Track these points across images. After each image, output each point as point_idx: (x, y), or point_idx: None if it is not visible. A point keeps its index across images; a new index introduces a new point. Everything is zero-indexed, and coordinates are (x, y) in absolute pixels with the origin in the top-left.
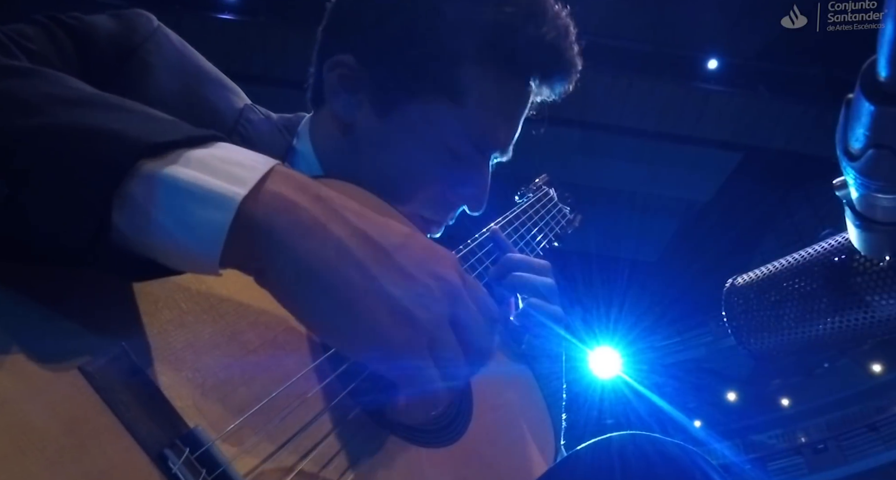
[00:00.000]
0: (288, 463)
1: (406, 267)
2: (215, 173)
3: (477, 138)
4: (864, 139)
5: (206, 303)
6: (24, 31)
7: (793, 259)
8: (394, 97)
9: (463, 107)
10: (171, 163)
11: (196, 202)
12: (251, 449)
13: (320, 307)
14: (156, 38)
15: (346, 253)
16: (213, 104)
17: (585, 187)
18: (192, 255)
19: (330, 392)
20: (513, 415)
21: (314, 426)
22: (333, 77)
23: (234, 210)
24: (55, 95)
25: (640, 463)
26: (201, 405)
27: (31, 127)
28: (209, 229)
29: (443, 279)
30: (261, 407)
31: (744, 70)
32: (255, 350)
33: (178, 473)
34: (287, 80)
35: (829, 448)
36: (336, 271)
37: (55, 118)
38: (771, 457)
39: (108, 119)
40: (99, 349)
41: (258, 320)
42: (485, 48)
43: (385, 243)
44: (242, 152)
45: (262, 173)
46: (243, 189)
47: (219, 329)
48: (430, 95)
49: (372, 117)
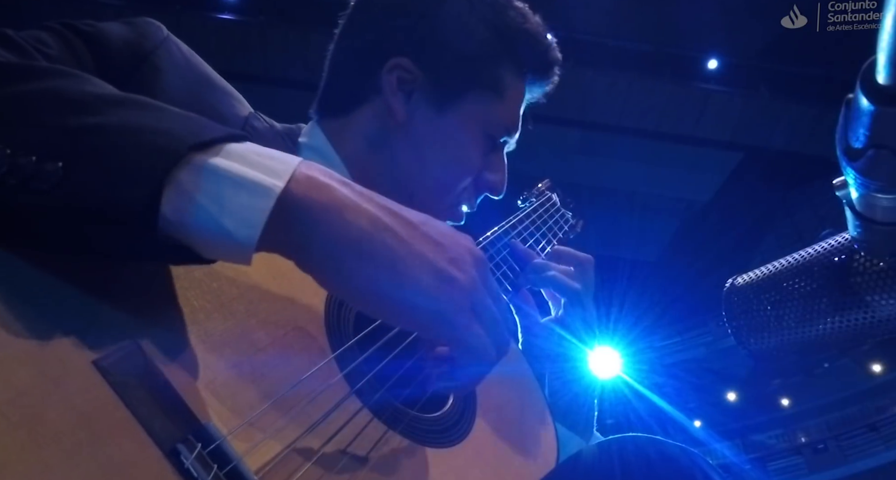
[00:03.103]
0: (298, 460)
1: (434, 236)
2: (255, 166)
3: (509, 127)
4: (864, 139)
5: (216, 302)
6: (41, 37)
7: (793, 259)
8: (451, 94)
9: (503, 100)
10: (214, 155)
11: (239, 189)
12: (262, 446)
13: (366, 275)
14: (166, 45)
15: (381, 224)
16: (219, 111)
17: (585, 187)
18: (230, 239)
19: (339, 392)
20: (516, 415)
21: (323, 424)
22: (392, 79)
23: (276, 197)
24: (103, 96)
25: (641, 465)
26: (212, 401)
27: (90, 125)
28: (251, 213)
29: (468, 248)
30: (271, 405)
31: (744, 70)
32: (265, 349)
33: (190, 467)
34: (287, 80)
35: (829, 448)
36: (374, 238)
37: (110, 117)
38: (771, 457)
39: (150, 118)
40: (113, 345)
41: (268, 319)
42: (515, 50)
43: (411, 218)
44: (273, 150)
45: (295, 165)
46: (281, 181)
47: (229, 328)
48: (480, 90)
49: (430, 114)
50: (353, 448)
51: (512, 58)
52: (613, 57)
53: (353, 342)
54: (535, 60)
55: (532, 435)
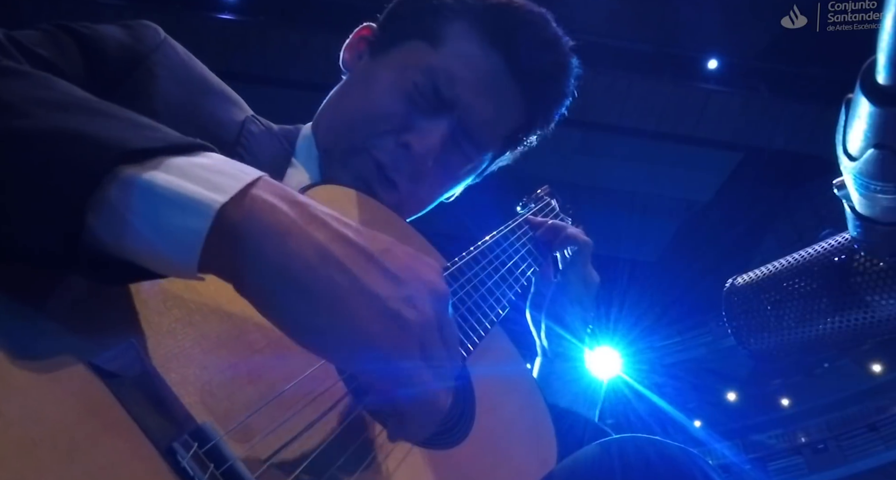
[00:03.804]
0: (294, 460)
1: (391, 270)
2: (195, 181)
3: (439, 82)
4: (864, 139)
5: (213, 303)
6: (32, 35)
7: (793, 259)
8: (387, 42)
9: (437, 51)
10: (150, 169)
11: (173, 208)
12: (258, 446)
13: (301, 311)
14: (163, 49)
15: (327, 255)
16: (216, 116)
17: (585, 187)
18: (170, 261)
19: (335, 393)
20: (515, 417)
21: (319, 425)
22: (353, 38)
23: (212, 218)
24: (39, 98)
25: (641, 465)
26: (209, 402)
27: (10, 129)
28: (186, 235)
29: (428, 282)
30: (267, 405)
31: (744, 70)
32: (261, 350)
33: (186, 466)
34: (287, 80)
35: (829, 448)
36: (316, 272)
37: (35, 121)
38: (771, 457)
39: (90, 124)
40: (109, 346)
41: (264, 322)
42: (479, 14)
43: (368, 248)
44: (229, 163)
45: (245, 183)
46: (223, 197)
47: (226, 329)
48: (414, 39)
49: (366, 60)
50: (351, 449)
51: (469, 17)
52: (613, 57)
53: None
54: (498, 27)
55: (531, 436)
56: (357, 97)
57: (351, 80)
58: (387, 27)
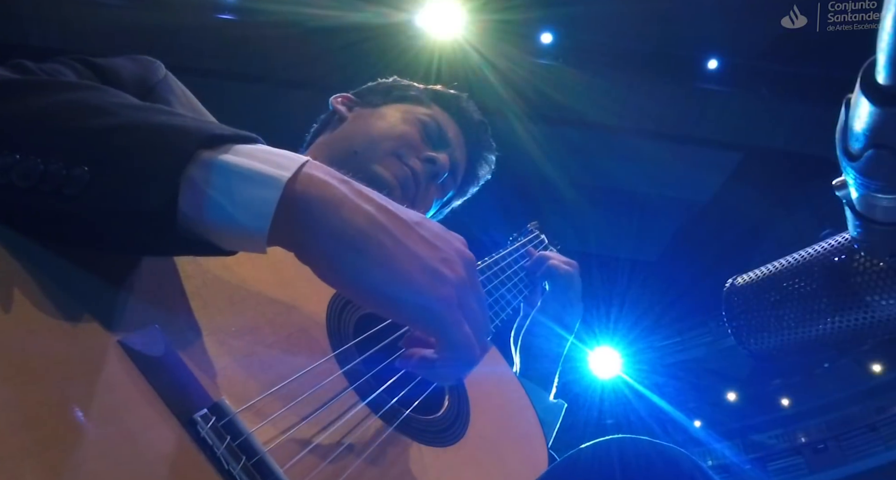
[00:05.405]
0: (300, 442)
1: (427, 237)
2: (262, 161)
3: (440, 123)
4: (864, 139)
5: (229, 300)
6: (57, 68)
7: (793, 259)
8: (378, 103)
9: (426, 107)
10: (222, 153)
11: (247, 182)
12: (268, 425)
13: (359, 269)
14: (166, 81)
15: (375, 222)
16: None
17: (585, 187)
18: (243, 230)
19: (338, 385)
20: (508, 417)
21: (324, 411)
22: (338, 101)
23: (281, 188)
24: (119, 103)
25: (641, 466)
26: (223, 384)
27: (111, 125)
28: (261, 205)
29: (458, 249)
30: (276, 391)
31: (744, 70)
32: (272, 345)
33: (206, 436)
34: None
35: (829, 448)
36: (368, 235)
37: (128, 118)
38: (771, 457)
39: (170, 119)
40: (138, 327)
41: (274, 320)
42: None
43: (406, 218)
44: (280, 150)
45: (301, 163)
46: (287, 173)
47: (240, 323)
48: (400, 103)
49: (367, 110)
50: (352, 438)
51: (416, 98)
52: (613, 57)
53: (351, 344)
54: (450, 104)
55: (523, 436)
56: (372, 125)
57: (356, 118)
58: (365, 96)
